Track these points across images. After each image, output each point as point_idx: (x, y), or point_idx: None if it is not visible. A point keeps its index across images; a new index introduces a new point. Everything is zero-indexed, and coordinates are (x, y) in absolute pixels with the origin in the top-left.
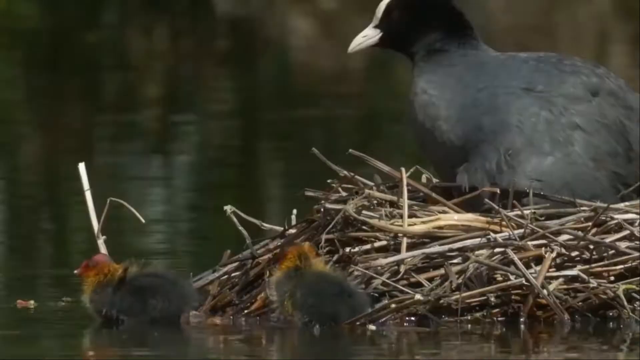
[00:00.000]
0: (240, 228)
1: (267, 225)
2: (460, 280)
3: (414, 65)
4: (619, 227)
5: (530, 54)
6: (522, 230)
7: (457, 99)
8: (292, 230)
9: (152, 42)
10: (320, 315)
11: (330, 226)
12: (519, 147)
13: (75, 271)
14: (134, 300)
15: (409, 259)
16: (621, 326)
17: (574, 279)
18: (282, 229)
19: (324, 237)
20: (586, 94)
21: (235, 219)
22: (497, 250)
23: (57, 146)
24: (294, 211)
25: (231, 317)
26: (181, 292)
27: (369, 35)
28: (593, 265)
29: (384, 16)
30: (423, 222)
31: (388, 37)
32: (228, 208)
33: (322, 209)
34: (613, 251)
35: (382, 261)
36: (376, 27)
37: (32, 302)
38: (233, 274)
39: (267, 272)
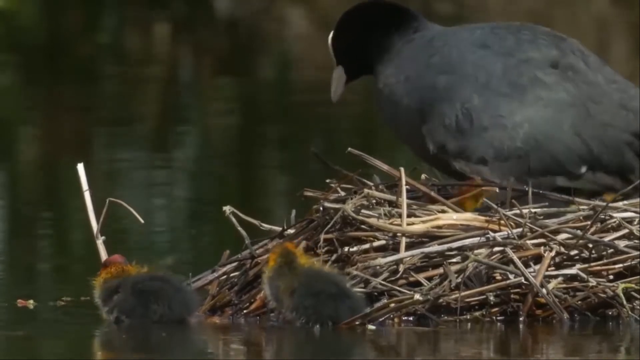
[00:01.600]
0: (239, 228)
1: (266, 226)
2: (459, 280)
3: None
4: (618, 226)
5: (486, 24)
6: (520, 229)
7: (411, 73)
8: (291, 230)
9: (152, 42)
10: (318, 316)
11: (329, 226)
12: (476, 100)
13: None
14: (136, 304)
15: (408, 259)
16: (620, 325)
17: (573, 277)
18: (280, 229)
19: (322, 236)
20: (544, 64)
21: (234, 219)
22: (496, 249)
23: (56, 148)
24: (293, 211)
25: (230, 317)
26: (184, 299)
27: (336, 77)
28: (592, 264)
29: (335, 53)
30: (422, 222)
31: (349, 67)
32: (227, 208)
33: (320, 209)
34: (612, 250)
35: (381, 260)
36: (337, 65)
37: (31, 301)
38: (232, 274)
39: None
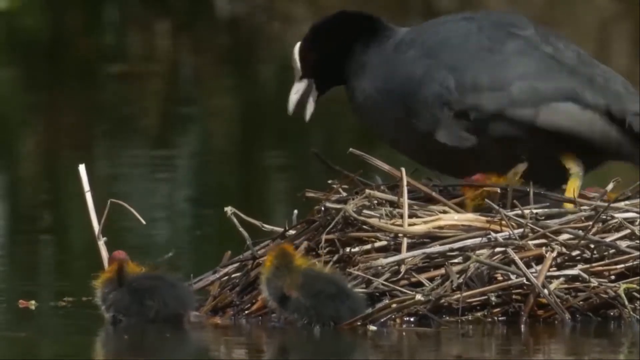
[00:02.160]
0: (241, 229)
1: (267, 226)
2: (460, 280)
3: (348, 89)
4: (620, 226)
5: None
6: (522, 230)
7: (388, 74)
8: (293, 231)
9: (153, 41)
10: (319, 316)
11: (331, 226)
12: (466, 61)
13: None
14: (131, 301)
15: (410, 259)
16: (622, 326)
17: (575, 278)
18: (282, 229)
19: (324, 237)
20: (520, 29)
21: (235, 220)
22: (498, 249)
23: (57, 147)
24: (295, 212)
25: (232, 317)
26: (178, 295)
27: (299, 90)
28: (594, 264)
29: (302, 64)
30: (423, 222)
31: (318, 80)
32: (228, 209)
33: (322, 209)
34: (614, 250)
35: (383, 261)
36: (302, 78)
37: (33, 302)
38: (233, 275)
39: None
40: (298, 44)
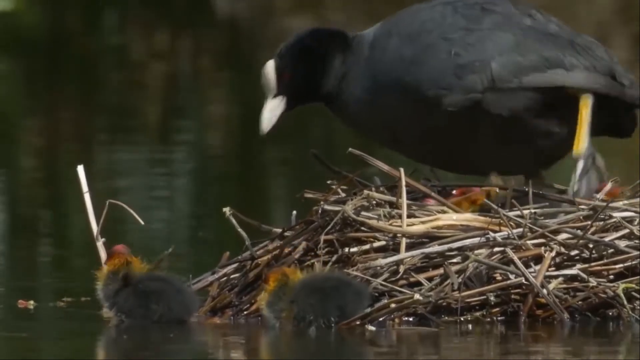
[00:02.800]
0: (239, 230)
1: (266, 227)
2: (459, 280)
3: (333, 105)
4: (618, 226)
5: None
6: (521, 230)
7: (374, 73)
8: (291, 232)
9: (152, 43)
10: (320, 309)
11: (329, 227)
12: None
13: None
14: (136, 304)
15: (408, 259)
16: (621, 325)
17: (574, 278)
18: (281, 230)
19: (322, 237)
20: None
21: (234, 221)
22: (496, 249)
23: (57, 147)
24: (294, 212)
25: (231, 317)
26: (184, 300)
27: (273, 108)
28: (592, 264)
29: (278, 80)
30: (422, 222)
31: (293, 97)
32: (227, 210)
33: (320, 210)
34: (612, 250)
35: (382, 261)
36: (276, 95)
37: (32, 302)
38: (232, 276)
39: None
40: (270, 62)
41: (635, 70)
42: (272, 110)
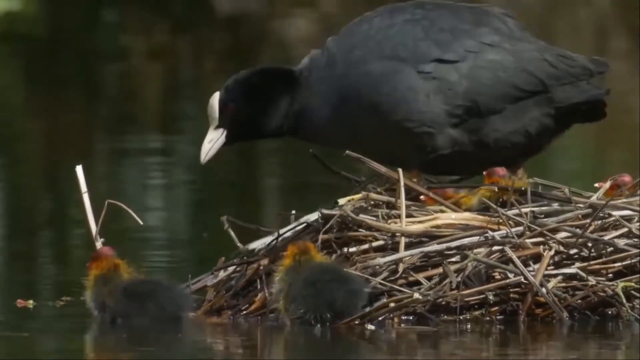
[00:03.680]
0: (237, 241)
1: (264, 229)
2: (458, 279)
3: (296, 134)
4: (617, 224)
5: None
6: (520, 228)
7: (337, 93)
8: (288, 234)
9: (153, 41)
10: (317, 304)
11: (327, 226)
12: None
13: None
14: (129, 306)
15: (407, 258)
16: (620, 324)
17: (573, 276)
18: (282, 231)
19: (320, 237)
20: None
21: (232, 233)
22: (495, 248)
23: (56, 147)
24: (293, 212)
25: (230, 317)
26: (175, 297)
27: (214, 139)
28: (591, 262)
29: (221, 113)
30: (420, 222)
31: (234, 131)
32: (224, 219)
33: (319, 214)
34: (611, 248)
35: (380, 260)
36: (217, 127)
37: (31, 301)
38: (231, 276)
39: (264, 274)
40: (217, 93)
41: (635, 70)
42: (211, 142)
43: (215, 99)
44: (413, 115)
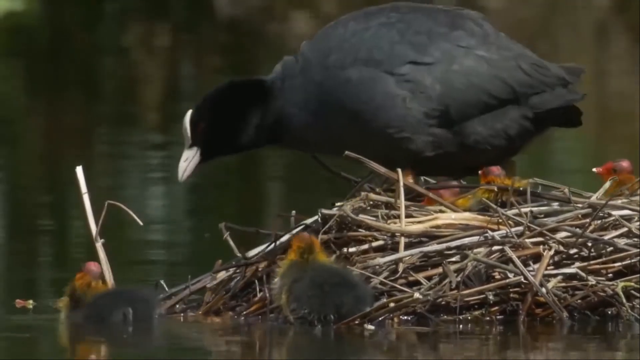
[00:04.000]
0: (233, 246)
1: (264, 232)
2: (458, 279)
3: (276, 143)
4: (617, 224)
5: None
6: (519, 228)
7: (316, 97)
8: (286, 237)
9: (153, 41)
10: (322, 306)
11: (326, 227)
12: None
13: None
14: (96, 319)
15: (407, 258)
16: (620, 324)
17: (573, 276)
18: (280, 233)
19: (320, 237)
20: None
21: (231, 242)
22: (495, 248)
23: (56, 147)
24: (293, 212)
25: (230, 317)
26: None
27: (189, 158)
28: (591, 262)
29: (193, 132)
30: (420, 222)
31: (208, 149)
32: (223, 226)
33: (319, 214)
34: (611, 248)
35: (380, 260)
36: (191, 146)
37: (30, 301)
38: (231, 277)
39: (264, 274)
40: (189, 112)
41: (635, 70)
42: (186, 161)
43: (188, 118)
44: (392, 121)
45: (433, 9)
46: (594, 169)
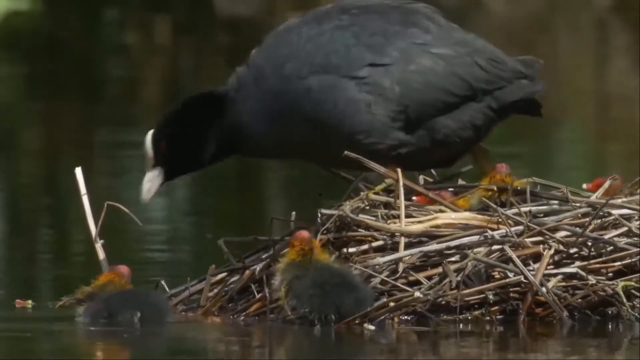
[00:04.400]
0: (226, 250)
1: (262, 238)
2: (458, 278)
3: (239, 153)
4: (617, 223)
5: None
6: (519, 228)
7: (274, 109)
8: (287, 238)
9: (153, 41)
10: (323, 305)
11: (326, 227)
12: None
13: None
14: (107, 318)
15: (407, 257)
16: (620, 323)
17: (573, 276)
18: (277, 238)
19: (319, 237)
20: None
21: (231, 257)
22: (495, 247)
23: (56, 147)
24: (293, 213)
25: (230, 317)
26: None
27: (151, 178)
28: (591, 261)
29: (156, 152)
30: (420, 222)
31: (171, 168)
32: (221, 242)
33: (318, 214)
34: (611, 247)
35: (380, 260)
36: (154, 166)
37: (29, 301)
38: (228, 280)
39: (264, 275)
40: (150, 132)
41: (635, 71)
42: (150, 181)
43: (149, 138)
44: (358, 127)
45: (382, 6)
46: (584, 185)
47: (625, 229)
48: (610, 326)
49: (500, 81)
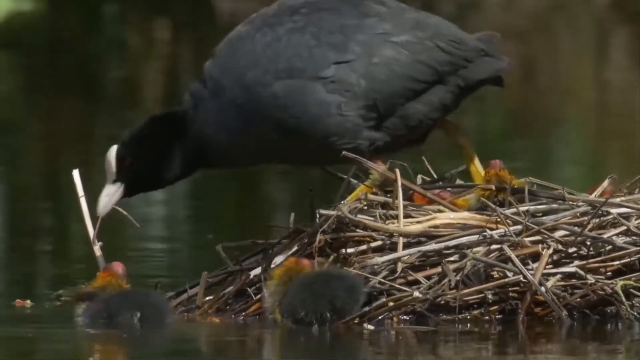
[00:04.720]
0: (224, 255)
1: (260, 242)
2: (457, 278)
3: (208, 167)
4: (616, 222)
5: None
6: (518, 227)
7: (237, 114)
8: (285, 240)
9: (153, 41)
10: (317, 304)
11: (324, 227)
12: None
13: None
14: (107, 319)
15: (406, 257)
16: (619, 323)
17: (572, 275)
18: (276, 241)
19: (318, 237)
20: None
21: (229, 262)
22: (494, 247)
23: (56, 147)
24: (292, 214)
25: (230, 317)
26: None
27: (110, 193)
28: (590, 261)
29: (119, 167)
30: (418, 222)
31: (132, 184)
32: (219, 248)
33: (317, 214)
34: (610, 247)
35: (379, 259)
36: (115, 181)
37: (28, 301)
38: (226, 282)
39: (262, 277)
40: (114, 147)
41: (635, 70)
42: (108, 195)
43: (112, 153)
44: (331, 129)
45: (330, 1)
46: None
47: (624, 227)
48: (609, 325)
49: (464, 61)
